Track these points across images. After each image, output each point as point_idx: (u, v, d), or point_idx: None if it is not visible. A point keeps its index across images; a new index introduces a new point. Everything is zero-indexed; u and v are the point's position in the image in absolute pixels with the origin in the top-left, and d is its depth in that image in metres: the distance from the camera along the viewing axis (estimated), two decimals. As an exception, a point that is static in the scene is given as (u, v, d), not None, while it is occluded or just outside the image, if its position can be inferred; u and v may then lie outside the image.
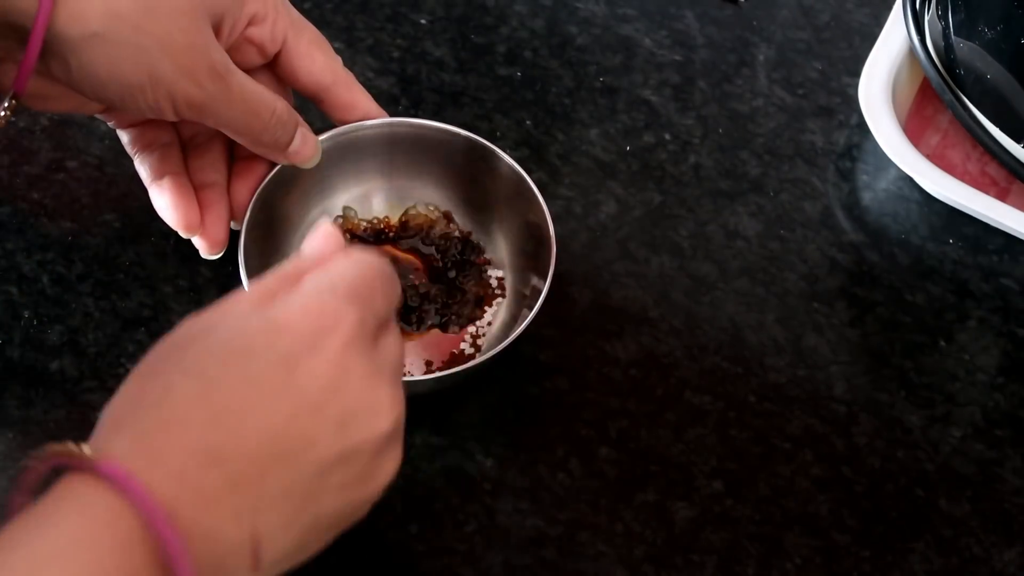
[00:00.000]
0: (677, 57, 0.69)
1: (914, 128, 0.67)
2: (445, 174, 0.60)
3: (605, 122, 0.67)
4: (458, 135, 0.58)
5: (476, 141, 0.58)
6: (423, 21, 0.70)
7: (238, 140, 0.54)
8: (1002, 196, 0.65)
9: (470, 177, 0.59)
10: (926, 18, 0.66)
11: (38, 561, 0.36)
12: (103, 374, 0.57)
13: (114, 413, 0.40)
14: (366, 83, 0.67)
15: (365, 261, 0.44)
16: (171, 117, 0.51)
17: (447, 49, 0.69)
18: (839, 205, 0.65)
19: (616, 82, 0.68)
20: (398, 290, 0.46)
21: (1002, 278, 0.63)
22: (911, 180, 0.65)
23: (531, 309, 0.54)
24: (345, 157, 0.59)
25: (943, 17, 0.65)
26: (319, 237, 0.46)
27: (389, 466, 0.43)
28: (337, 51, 0.68)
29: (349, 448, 0.41)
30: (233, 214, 0.57)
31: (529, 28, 0.70)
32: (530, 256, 0.58)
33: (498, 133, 0.66)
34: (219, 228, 0.56)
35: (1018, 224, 0.62)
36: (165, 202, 0.56)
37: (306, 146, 0.56)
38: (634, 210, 0.64)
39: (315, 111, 0.66)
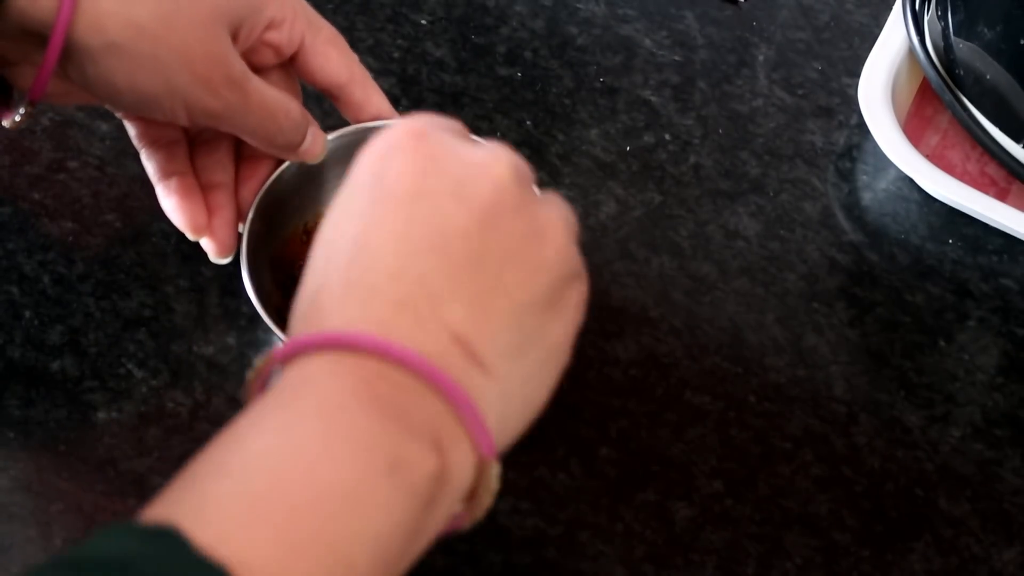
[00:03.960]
0: (677, 57, 0.70)
1: (914, 128, 0.67)
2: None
3: (605, 122, 0.67)
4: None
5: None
6: (423, 22, 0.70)
7: (250, 142, 0.54)
8: (1001, 196, 0.65)
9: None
10: (926, 18, 0.66)
11: (302, 413, 0.37)
12: (104, 374, 0.57)
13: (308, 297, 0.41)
14: (366, 83, 0.67)
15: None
16: (186, 124, 0.52)
17: (447, 49, 0.69)
18: (839, 205, 0.65)
19: (616, 82, 0.68)
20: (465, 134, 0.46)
21: (1002, 278, 0.63)
22: (911, 180, 0.65)
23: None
24: (348, 158, 0.58)
25: (943, 17, 0.65)
26: None
27: (547, 217, 0.42)
28: (337, 51, 0.68)
29: (481, 211, 0.40)
30: (239, 215, 0.57)
31: (529, 28, 0.70)
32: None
33: (498, 133, 0.66)
34: (228, 231, 0.56)
35: (1018, 224, 0.62)
36: (172, 204, 0.56)
37: (316, 144, 0.56)
38: (634, 210, 0.64)
39: (315, 111, 0.66)
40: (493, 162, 0.42)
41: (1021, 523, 0.56)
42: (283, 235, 0.58)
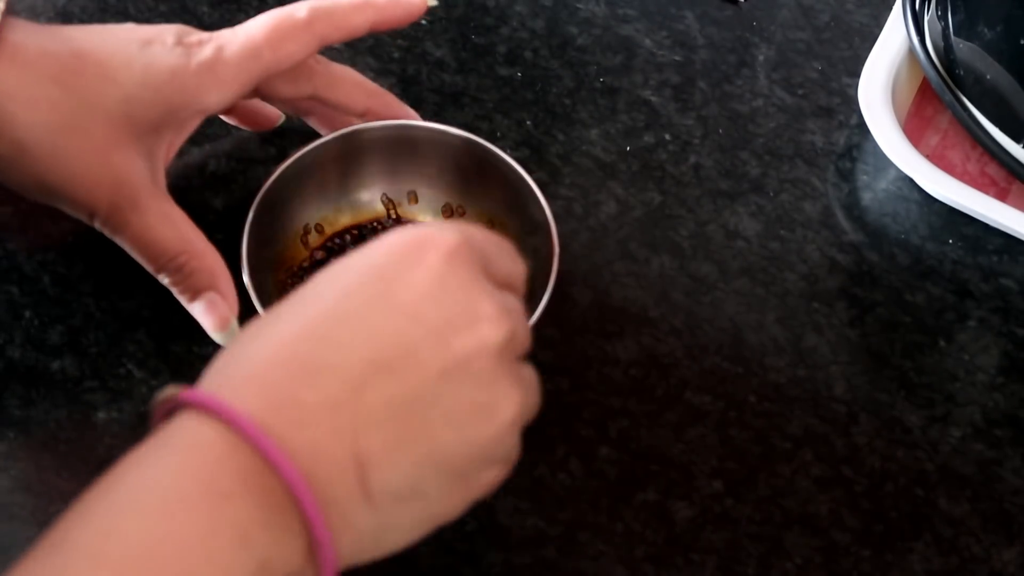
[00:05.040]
0: (677, 57, 0.70)
1: (914, 128, 0.67)
2: (446, 175, 0.60)
3: (605, 122, 0.67)
4: (458, 136, 0.58)
5: (476, 142, 0.58)
6: (423, 21, 0.70)
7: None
8: (1002, 196, 0.65)
9: (471, 178, 0.59)
10: (926, 18, 0.66)
11: (123, 494, 0.37)
12: (104, 374, 0.57)
13: (218, 361, 0.40)
14: (366, 83, 0.67)
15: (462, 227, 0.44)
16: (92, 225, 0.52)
17: (447, 49, 0.69)
18: (839, 205, 0.65)
19: (616, 82, 0.68)
20: (507, 247, 0.45)
21: (1002, 278, 0.63)
22: (911, 180, 0.65)
23: (533, 310, 0.54)
24: (346, 159, 0.59)
25: (943, 17, 0.65)
26: None
27: (508, 399, 0.41)
28: (338, 51, 0.68)
29: (451, 360, 0.39)
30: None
31: (529, 28, 0.70)
32: (532, 256, 0.58)
33: (498, 133, 0.66)
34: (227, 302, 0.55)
35: (1018, 224, 0.62)
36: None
37: (209, 315, 0.53)
38: (634, 210, 0.64)
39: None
40: (492, 323, 0.40)
41: (1021, 523, 0.56)
42: (283, 235, 0.59)
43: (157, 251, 0.52)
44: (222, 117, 0.62)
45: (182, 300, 0.53)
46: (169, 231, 0.51)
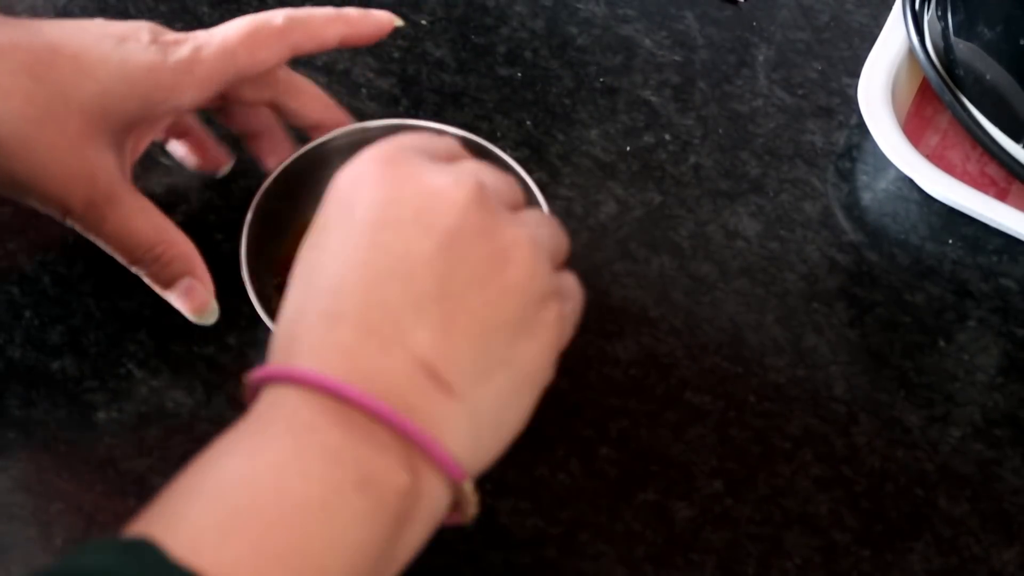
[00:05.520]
0: (677, 57, 0.70)
1: (913, 128, 0.67)
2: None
3: (605, 122, 0.67)
4: (458, 136, 0.58)
5: (476, 142, 0.58)
6: (423, 22, 0.70)
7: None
8: (1001, 196, 0.65)
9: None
10: (926, 18, 0.66)
11: (256, 444, 0.38)
12: (104, 374, 0.57)
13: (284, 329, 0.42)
14: (367, 83, 0.67)
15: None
16: (62, 221, 0.51)
17: (447, 50, 0.69)
18: (839, 205, 0.65)
19: (616, 82, 0.68)
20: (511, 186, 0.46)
21: (1002, 278, 0.63)
22: (910, 180, 0.65)
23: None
24: (345, 159, 0.58)
25: (943, 17, 0.65)
26: None
27: (511, 237, 0.42)
28: (337, 52, 0.68)
29: (439, 233, 0.40)
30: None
31: (529, 29, 0.70)
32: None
33: (498, 133, 0.66)
34: (203, 289, 0.55)
35: (1017, 224, 0.62)
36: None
37: (189, 299, 0.53)
38: (634, 210, 0.64)
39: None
40: (455, 187, 0.42)
41: (1021, 523, 0.56)
42: (283, 235, 0.58)
43: (135, 243, 0.51)
44: (171, 149, 0.61)
45: (157, 288, 0.53)
46: (145, 223, 0.51)
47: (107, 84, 0.48)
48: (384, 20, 0.55)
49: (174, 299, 0.53)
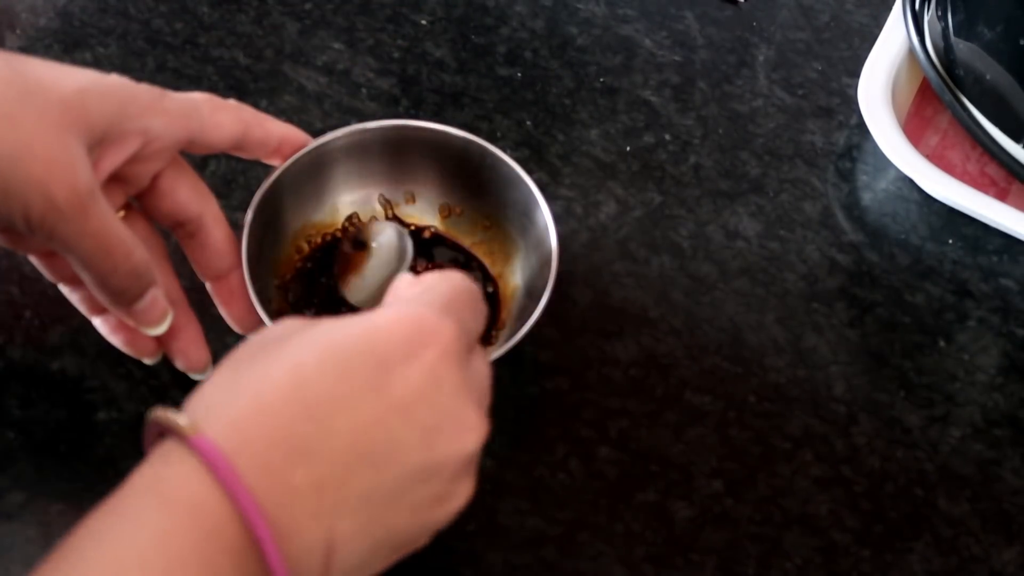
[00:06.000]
0: (677, 58, 0.70)
1: (913, 128, 0.67)
2: (446, 175, 0.60)
3: (605, 122, 0.67)
4: (458, 136, 0.58)
5: (476, 142, 0.58)
6: (423, 22, 0.70)
7: (83, 276, 0.48)
8: (1001, 196, 0.65)
9: (470, 178, 0.59)
10: (926, 18, 0.66)
11: (124, 543, 0.37)
12: (104, 374, 0.57)
13: (206, 397, 0.41)
14: (367, 83, 0.67)
15: (457, 279, 0.45)
16: (23, 230, 0.46)
17: (447, 50, 0.69)
18: (839, 205, 0.65)
19: (616, 82, 0.68)
20: (485, 311, 0.46)
21: (1001, 278, 0.63)
22: (910, 180, 0.65)
23: (533, 310, 0.54)
24: (346, 159, 0.59)
25: (943, 18, 0.65)
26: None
27: (463, 492, 0.43)
28: (338, 52, 0.69)
29: (432, 462, 0.41)
30: (240, 326, 0.55)
31: (529, 29, 0.70)
32: (532, 256, 0.58)
33: (498, 134, 0.66)
34: (197, 348, 0.54)
35: (1017, 224, 0.62)
36: (116, 340, 0.53)
37: (154, 308, 0.50)
38: (634, 210, 0.64)
39: (315, 111, 0.66)
40: (475, 432, 0.42)
41: (1021, 523, 0.56)
42: (283, 236, 0.59)
43: (115, 245, 0.47)
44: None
45: (116, 303, 0.50)
46: (123, 227, 0.48)
47: (87, 84, 0.47)
48: (302, 140, 0.55)
49: (133, 314, 0.50)
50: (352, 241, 0.57)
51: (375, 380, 0.40)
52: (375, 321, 0.42)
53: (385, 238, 0.57)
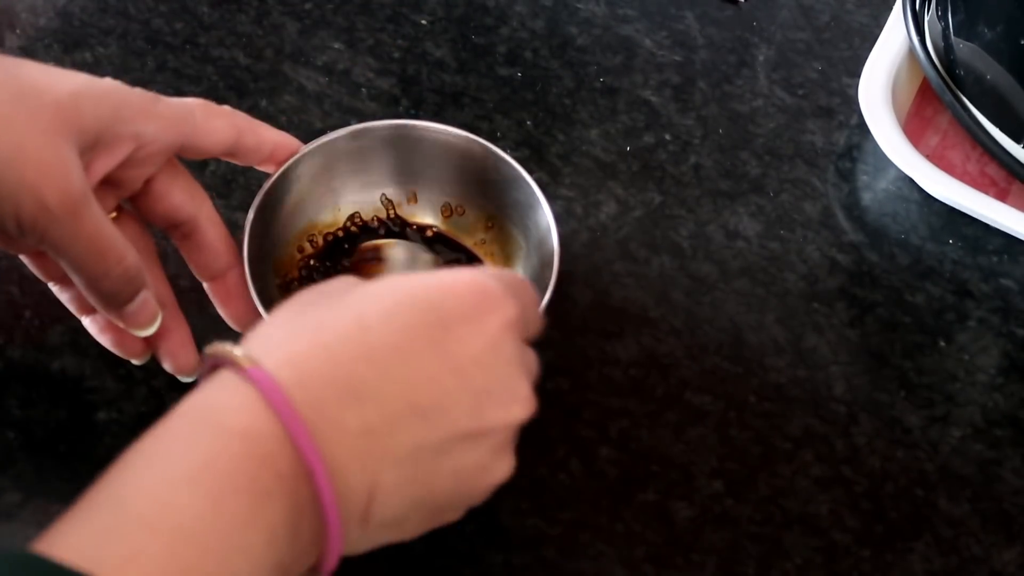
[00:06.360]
0: (677, 58, 0.70)
1: (914, 128, 0.67)
2: (446, 175, 0.60)
3: (605, 122, 0.67)
4: (459, 136, 0.58)
5: (476, 142, 0.58)
6: (424, 22, 0.70)
7: (74, 278, 0.48)
8: (1002, 196, 0.65)
9: (473, 178, 0.59)
10: (926, 19, 0.66)
11: (174, 462, 0.38)
12: (104, 374, 0.57)
13: (264, 333, 0.41)
14: (367, 83, 0.67)
15: (522, 278, 0.47)
16: (14, 232, 0.45)
17: (448, 50, 0.69)
18: (839, 205, 0.65)
19: (616, 82, 0.68)
20: (540, 321, 0.47)
21: (1002, 278, 0.63)
22: (911, 180, 0.65)
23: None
24: (347, 160, 0.59)
25: (943, 18, 0.65)
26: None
27: (504, 466, 0.44)
28: (338, 51, 0.68)
29: (479, 427, 0.42)
30: (238, 325, 0.55)
31: (529, 29, 0.70)
32: (533, 257, 0.58)
33: (498, 133, 0.66)
34: (186, 351, 0.53)
35: (1018, 224, 0.62)
36: (105, 340, 0.53)
37: (145, 311, 0.50)
38: (634, 210, 0.64)
39: (315, 111, 0.66)
40: (524, 404, 0.43)
41: (1021, 523, 0.56)
42: (285, 235, 0.59)
43: (108, 248, 0.47)
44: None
45: (106, 305, 0.49)
46: (115, 230, 0.48)
47: (80, 88, 0.46)
48: (293, 146, 0.55)
49: (123, 316, 0.50)
50: (368, 252, 0.58)
51: (436, 336, 0.41)
52: (443, 279, 0.42)
53: (400, 260, 0.57)
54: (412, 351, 0.41)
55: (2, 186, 0.44)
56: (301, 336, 0.41)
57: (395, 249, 0.58)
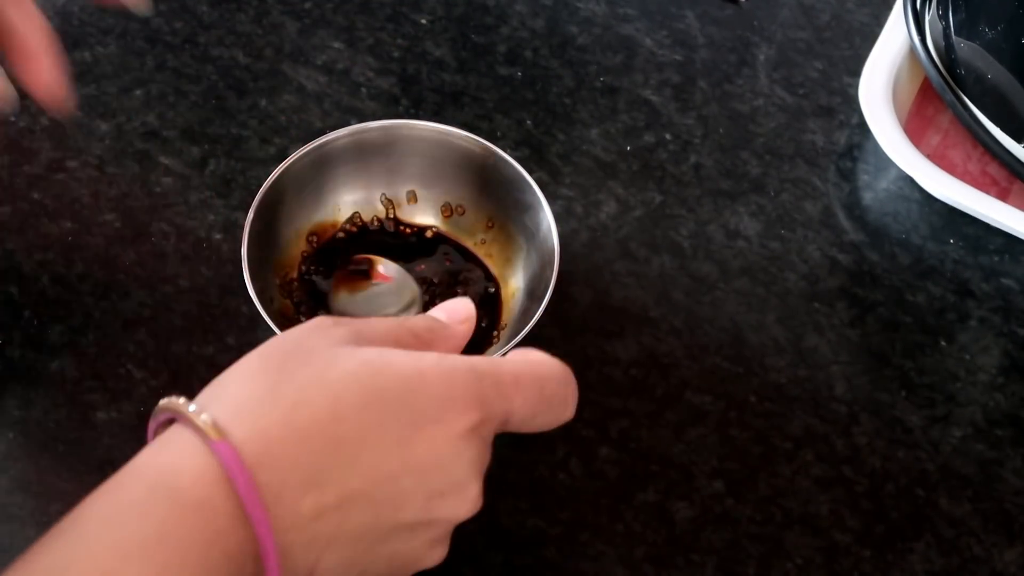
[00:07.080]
0: (678, 57, 0.69)
1: (915, 128, 0.67)
2: (446, 175, 0.60)
3: (606, 122, 0.67)
4: (461, 136, 0.58)
5: (476, 141, 0.58)
6: (423, 21, 0.70)
7: None
8: (1003, 196, 0.65)
9: (473, 178, 0.59)
10: (927, 18, 0.66)
11: (129, 530, 0.37)
12: (103, 374, 0.57)
13: (232, 394, 0.41)
14: (367, 83, 0.67)
15: (557, 368, 0.46)
16: None
17: (447, 49, 0.69)
18: (840, 205, 0.65)
19: (616, 82, 0.68)
20: (571, 405, 0.47)
21: (1003, 278, 0.63)
22: (912, 180, 0.65)
23: (534, 310, 0.54)
24: (348, 159, 0.59)
25: (944, 17, 0.65)
26: (458, 303, 0.49)
27: (436, 556, 0.44)
28: (337, 51, 0.68)
29: (425, 520, 0.42)
30: (39, 89, 0.51)
31: (530, 28, 0.70)
32: (533, 257, 0.58)
33: (499, 133, 0.66)
34: (52, 78, 0.50)
35: (1019, 224, 0.62)
36: None
37: None
38: (635, 210, 0.64)
39: (315, 110, 0.66)
40: (472, 503, 0.43)
41: (1022, 523, 0.56)
42: (284, 235, 0.58)
43: None
44: None
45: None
46: None
47: None
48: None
49: None
50: (359, 264, 0.58)
51: (405, 435, 0.41)
52: (422, 370, 0.42)
53: (384, 289, 0.57)
54: (379, 447, 0.41)
55: None
56: (272, 410, 0.40)
57: (385, 268, 0.58)
